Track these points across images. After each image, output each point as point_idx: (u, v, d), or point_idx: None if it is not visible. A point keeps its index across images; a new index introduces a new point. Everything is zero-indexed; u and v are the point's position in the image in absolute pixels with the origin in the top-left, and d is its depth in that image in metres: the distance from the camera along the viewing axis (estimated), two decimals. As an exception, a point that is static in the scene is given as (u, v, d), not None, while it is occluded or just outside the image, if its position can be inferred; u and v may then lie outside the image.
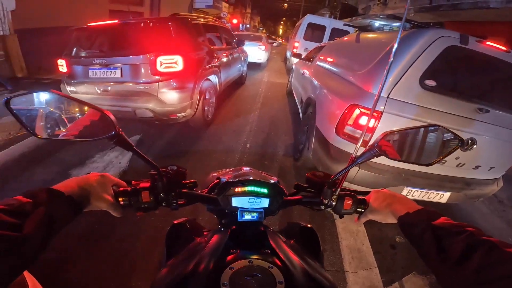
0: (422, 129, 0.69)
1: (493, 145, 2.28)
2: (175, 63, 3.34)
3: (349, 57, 3.24)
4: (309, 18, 9.11)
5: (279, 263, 0.61)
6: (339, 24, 8.79)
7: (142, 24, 3.59)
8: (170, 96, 3.43)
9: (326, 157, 2.47)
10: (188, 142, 3.87)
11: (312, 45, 6.93)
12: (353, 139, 2.22)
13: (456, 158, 2.27)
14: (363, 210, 0.75)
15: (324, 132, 2.61)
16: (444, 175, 2.37)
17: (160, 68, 3.30)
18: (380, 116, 2.08)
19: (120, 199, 0.65)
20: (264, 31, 62.02)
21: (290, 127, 4.98)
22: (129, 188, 0.67)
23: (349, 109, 2.26)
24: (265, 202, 0.73)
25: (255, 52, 10.90)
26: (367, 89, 2.23)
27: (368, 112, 2.13)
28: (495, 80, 2.30)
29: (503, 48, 2.22)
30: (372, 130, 1.96)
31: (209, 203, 0.76)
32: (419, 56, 2.04)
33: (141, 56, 3.30)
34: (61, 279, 1.78)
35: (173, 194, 0.69)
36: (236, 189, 0.73)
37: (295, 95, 5.41)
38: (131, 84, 3.39)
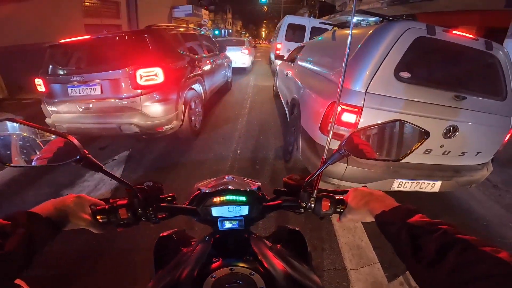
0: (386, 126, 0.70)
1: (475, 130, 2.33)
2: (155, 75, 3.29)
3: (327, 55, 3.28)
4: (289, 19, 9.13)
5: (261, 269, 0.61)
6: (318, 23, 8.86)
7: (117, 38, 3.51)
8: (154, 109, 3.37)
9: (314, 156, 2.48)
10: (178, 153, 3.82)
11: (294, 45, 6.97)
12: (337, 136, 2.19)
13: (441, 146, 2.30)
14: (342, 210, 0.74)
15: (310, 131, 2.64)
16: (433, 164, 2.39)
17: (141, 82, 3.25)
18: (361, 112, 2.11)
19: (98, 217, 0.67)
20: (247, 35, 62.41)
21: (279, 130, 4.98)
22: (106, 206, 0.69)
23: (330, 107, 2.29)
24: (244, 210, 0.73)
25: (239, 57, 11.03)
26: (346, 85, 2.20)
27: (349, 108, 2.14)
28: (467, 67, 2.38)
29: (470, 36, 2.31)
30: (355, 125, 2.01)
31: (190, 215, 0.77)
32: (391, 49, 2.08)
33: (119, 71, 3.24)
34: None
35: (150, 209, 0.70)
36: (215, 199, 0.74)
37: (281, 97, 5.42)
38: (112, 100, 3.32)
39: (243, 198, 0.74)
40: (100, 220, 0.67)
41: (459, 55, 2.31)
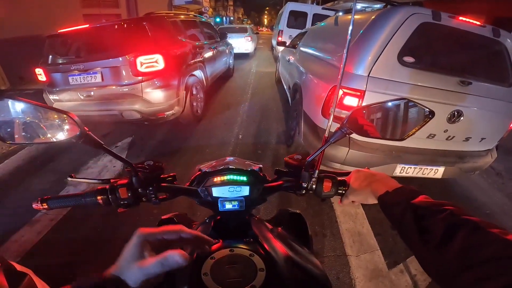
0: (391, 104, 0.66)
1: (480, 116, 2.31)
2: (156, 62, 3.29)
3: (329, 40, 3.25)
4: (291, 6, 9.07)
5: (262, 251, 0.61)
6: (320, 9, 8.86)
7: (116, 26, 3.49)
8: (156, 95, 3.38)
9: (316, 140, 2.49)
10: (180, 139, 3.85)
11: (296, 32, 6.88)
12: (339, 120, 2.10)
13: (444, 131, 2.28)
14: (344, 192, 0.73)
15: (312, 115, 2.63)
16: (436, 149, 2.36)
17: (141, 68, 3.25)
18: (363, 95, 2.11)
19: (99, 197, 0.66)
20: (249, 22, 61.36)
21: (281, 115, 4.97)
22: (107, 186, 0.67)
23: (332, 91, 2.29)
24: (245, 190, 0.72)
25: (242, 43, 11.53)
26: (348, 69, 2.20)
27: (351, 92, 2.14)
28: (474, 53, 2.35)
29: (477, 22, 2.28)
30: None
31: (191, 196, 0.75)
32: (394, 34, 2.06)
33: (120, 58, 3.24)
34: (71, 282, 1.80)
35: (151, 188, 0.68)
36: (215, 179, 0.73)
37: (283, 83, 5.43)
38: (114, 87, 3.33)
39: (244, 178, 0.73)
40: (101, 201, 0.66)
41: (465, 41, 2.28)
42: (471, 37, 2.25)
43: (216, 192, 0.71)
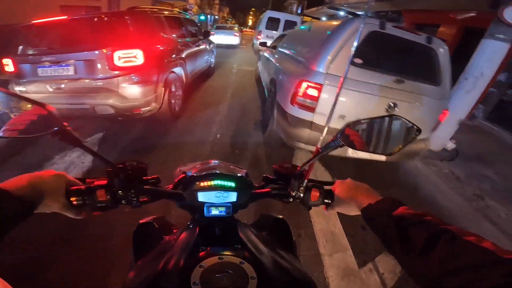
0: (381, 120, 0.70)
1: (412, 108, 2.84)
2: (135, 57, 3.21)
3: (302, 43, 3.73)
4: (269, 13, 12.09)
5: (251, 258, 0.60)
6: (290, 17, 12.17)
7: (95, 19, 3.38)
8: (132, 90, 3.29)
9: (286, 124, 2.96)
10: (156, 136, 3.76)
11: (272, 33, 9.94)
12: (303, 107, 2.77)
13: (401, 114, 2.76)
14: (330, 202, 0.75)
15: (283, 104, 3.09)
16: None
17: (119, 63, 3.15)
18: (321, 88, 2.64)
19: (73, 198, 0.60)
20: (233, 21, 61.39)
21: (260, 117, 4.99)
22: (83, 187, 0.62)
23: (299, 84, 2.76)
24: (232, 196, 0.71)
25: (231, 38, 16.35)
26: (312, 67, 2.74)
27: (313, 85, 2.68)
28: (410, 57, 2.90)
29: (415, 31, 2.87)
30: (316, 98, 2.49)
31: (175, 199, 0.73)
32: (349, 40, 2.58)
33: (96, 52, 3.13)
34: (39, 280, 1.74)
35: (132, 191, 0.64)
36: (202, 184, 0.71)
37: (262, 79, 5.87)
38: (87, 80, 3.20)
39: (232, 184, 0.72)
40: (75, 203, 0.60)
41: (404, 47, 2.82)
42: (408, 44, 2.79)
43: (202, 197, 0.69)
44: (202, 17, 29.58)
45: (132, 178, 0.65)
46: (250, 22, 79.82)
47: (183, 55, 4.60)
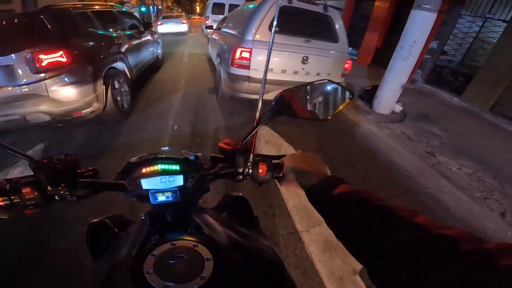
0: (315, 85, 0.70)
1: (321, 60, 3.91)
2: (61, 56, 2.92)
3: (237, 21, 4.60)
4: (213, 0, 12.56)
5: (205, 240, 0.59)
6: (233, 1, 12.25)
7: (7, 22, 3.01)
8: (66, 92, 3.01)
9: (230, 82, 3.99)
10: (106, 138, 3.53)
11: (218, 17, 10.26)
12: (241, 66, 3.77)
13: (302, 69, 3.89)
14: (281, 175, 0.71)
15: (227, 68, 4.03)
16: (301, 81, 3.45)
17: (42, 65, 2.84)
18: (251, 51, 3.65)
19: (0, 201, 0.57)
20: (179, 10, 59.05)
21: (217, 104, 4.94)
22: (7, 186, 0.58)
23: (235, 50, 3.75)
24: (179, 180, 0.68)
25: (180, 26, 17.27)
26: (244, 37, 3.74)
27: (245, 49, 3.70)
28: (312, 22, 3.87)
29: (314, 3, 3.92)
30: (249, 59, 3.53)
31: (116, 190, 0.69)
32: (267, 14, 3.55)
33: (13, 56, 2.78)
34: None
35: (62, 185, 0.60)
36: (144, 170, 0.68)
37: (212, 57, 6.74)
38: (10, 88, 2.84)
39: (177, 167, 0.69)
40: (2, 203, 0.56)
41: (308, 15, 3.81)
42: (311, 13, 3.83)
43: (146, 184, 0.66)
44: (143, 9, 28.03)
45: (62, 172, 0.61)
46: (198, 9, 76.97)
47: (123, 49, 4.32)
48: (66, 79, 2.99)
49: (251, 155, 0.70)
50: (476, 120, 5.50)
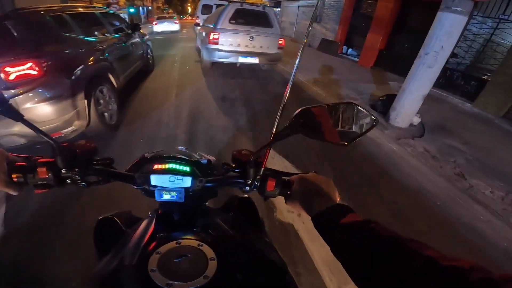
0: (337, 107, 0.63)
1: (262, 39, 6.34)
2: (31, 68, 2.50)
3: (213, 18, 6.93)
4: (203, 1, 14.17)
5: (210, 240, 0.60)
6: (219, 2, 13.51)
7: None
8: (40, 111, 2.61)
9: (207, 52, 6.44)
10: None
11: (206, 16, 11.49)
12: (213, 43, 6.18)
13: (250, 44, 6.29)
14: (288, 193, 0.71)
15: (206, 45, 6.46)
16: (255, 51, 6.36)
17: (10, 79, 2.43)
18: (219, 34, 6.10)
19: (14, 175, 0.60)
20: (170, 11, 58.97)
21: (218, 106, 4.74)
22: (24, 163, 0.62)
23: (210, 34, 6.25)
24: (187, 182, 0.68)
25: (172, 26, 20.23)
26: (215, 26, 6.21)
27: (216, 33, 6.19)
28: (256, 17, 6.20)
29: (257, 4, 6.75)
30: (218, 39, 6.20)
31: (126, 181, 0.69)
32: (228, 13, 6.04)
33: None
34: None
35: (77, 170, 0.62)
36: (155, 166, 0.69)
37: (199, 45, 8.58)
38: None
39: (187, 169, 0.69)
40: (15, 179, 0.60)
41: (253, 13, 6.26)
42: (255, 11, 6.38)
43: (154, 180, 0.67)
44: (132, 10, 27.42)
45: (81, 158, 0.64)
46: (189, 10, 76.26)
47: (107, 56, 3.88)
48: (39, 95, 2.59)
49: (262, 168, 0.69)
50: (492, 129, 5.21)
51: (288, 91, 0.63)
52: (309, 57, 10.90)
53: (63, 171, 0.61)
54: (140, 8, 33.69)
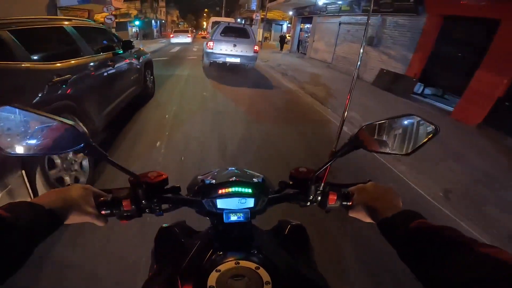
0: (398, 119, 0.67)
1: (241, 46, 9.86)
2: None
3: (211, 32, 11.19)
4: (212, 19, 16.28)
5: (266, 263, 0.59)
6: (227, 20, 16.47)
7: None
8: None
9: (206, 55, 10.24)
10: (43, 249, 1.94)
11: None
12: (210, 48, 9.78)
13: (235, 49, 9.81)
14: (349, 204, 0.72)
15: (205, 50, 10.35)
16: (237, 54, 9.85)
17: None
18: (214, 42, 9.70)
19: (102, 209, 0.64)
20: (185, 25, 59.88)
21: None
22: (109, 198, 0.65)
23: (208, 43, 9.94)
24: (250, 202, 0.70)
25: (186, 39, 24.84)
26: (212, 37, 9.97)
27: (211, 42, 9.85)
28: (239, 31, 10.16)
29: (240, 24, 12.91)
30: (213, 45, 10.01)
31: (194, 207, 0.73)
32: (220, 28, 10.01)
33: None
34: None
35: (155, 200, 0.67)
36: (220, 191, 0.69)
37: (204, 56, 10.82)
38: None
39: (249, 190, 0.69)
40: (103, 213, 0.64)
41: (238, 29, 10.37)
42: (238, 27, 10.63)
43: (221, 203, 0.69)
44: (137, 23, 23.48)
45: (154, 188, 0.67)
46: (205, 25, 77.01)
47: (71, 90, 2.65)
48: None
49: (322, 184, 0.73)
50: None
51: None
52: (362, 95, 7.55)
53: (143, 202, 0.66)
54: (153, 21, 33.37)
